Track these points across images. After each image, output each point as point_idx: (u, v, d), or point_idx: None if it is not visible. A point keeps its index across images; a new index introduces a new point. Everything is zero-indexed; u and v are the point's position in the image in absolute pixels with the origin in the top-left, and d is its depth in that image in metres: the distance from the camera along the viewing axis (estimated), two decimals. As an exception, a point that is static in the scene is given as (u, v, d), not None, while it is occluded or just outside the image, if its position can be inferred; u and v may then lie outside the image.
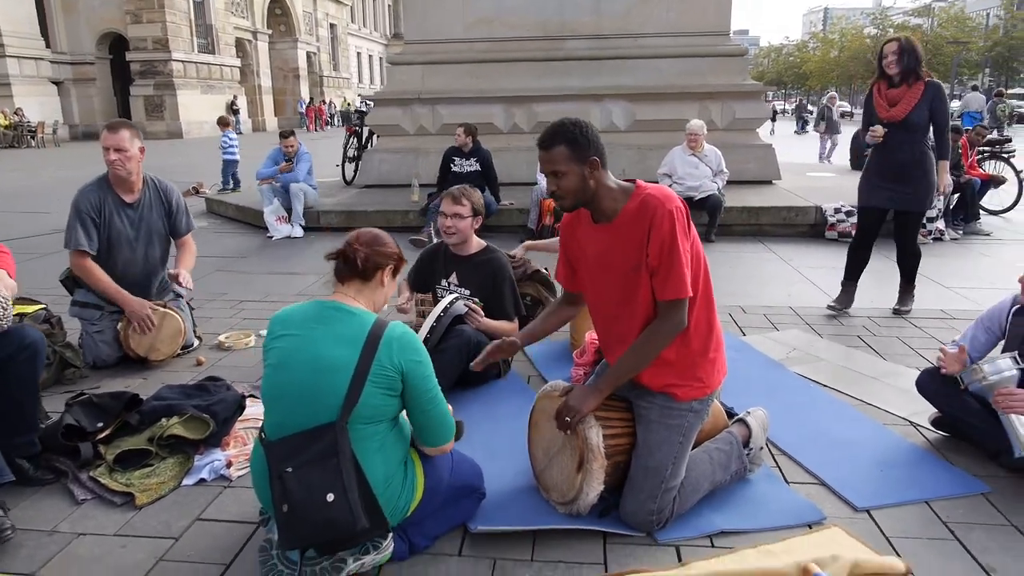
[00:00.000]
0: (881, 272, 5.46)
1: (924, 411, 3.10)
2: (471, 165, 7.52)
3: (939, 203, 7.29)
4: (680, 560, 2.21)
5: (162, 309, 3.85)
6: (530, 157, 8.49)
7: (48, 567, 2.19)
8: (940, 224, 7.40)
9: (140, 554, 2.26)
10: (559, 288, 2.74)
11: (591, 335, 3.44)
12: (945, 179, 4.60)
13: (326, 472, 1.92)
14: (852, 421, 3.18)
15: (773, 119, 28.72)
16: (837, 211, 7.49)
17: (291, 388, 2.03)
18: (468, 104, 9.54)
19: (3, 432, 2.57)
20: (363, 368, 1.98)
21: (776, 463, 2.82)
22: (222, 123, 11.01)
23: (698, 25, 9.57)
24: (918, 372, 3.14)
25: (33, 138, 25.70)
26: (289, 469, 1.94)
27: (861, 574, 2.09)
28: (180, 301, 4.07)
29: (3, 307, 2.59)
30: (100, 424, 2.81)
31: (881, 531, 2.37)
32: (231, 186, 11.17)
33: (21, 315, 3.04)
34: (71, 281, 3.91)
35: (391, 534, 2.14)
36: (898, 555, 2.22)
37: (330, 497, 1.91)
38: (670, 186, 7.39)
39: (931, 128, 4.49)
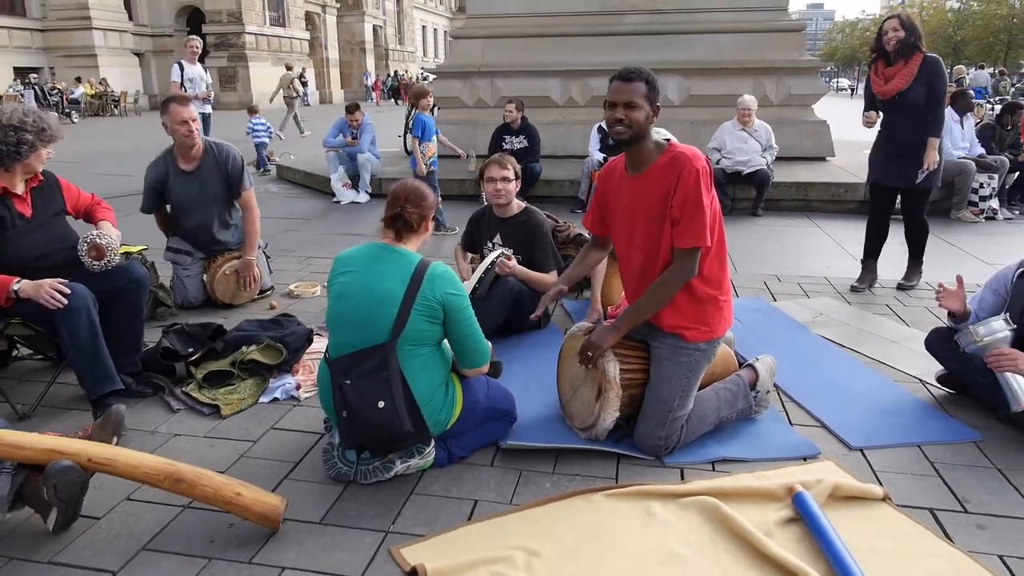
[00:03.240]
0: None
1: (935, 371, 3.28)
2: (520, 142, 7.85)
3: (994, 182, 7.27)
4: (683, 480, 2.53)
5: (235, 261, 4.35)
6: (584, 131, 8.78)
7: (152, 458, 2.65)
8: (994, 203, 7.37)
9: (225, 452, 2.71)
10: None
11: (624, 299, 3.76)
12: (931, 156, 4.47)
13: (377, 383, 2.31)
14: (862, 376, 3.41)
15: (851, 94, 28.08)
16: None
17: (350, 315, 2.41)
18: (525, 77, 9.81)
19: (113, 352, 3.05)
20: (409, 299, 2.35)
21: (784, 408, 3.09)
22: (251, 111, 11.38)
23: (756, 0, 9.59)
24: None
25: (116, 107, 27.08)
26: (348, 381, 2.33)
27: (841, 495, 2.37)
28: (257, 251, 4.54)
29: (112, 250, 3.07)
30: (191, 349, 3.31)
31: (870, 466, 2.62)
32: (263, 168, 11.17)
33: (127, 253, 3.52)
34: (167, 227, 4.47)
35: (433, 443, 2.53)
36: (881, 485, 2.48)
37: (381, 404, 2.29)
38: (718, 161, 7.57)
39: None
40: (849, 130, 11.92)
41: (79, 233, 3.18)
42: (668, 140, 2.62)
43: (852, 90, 59.05)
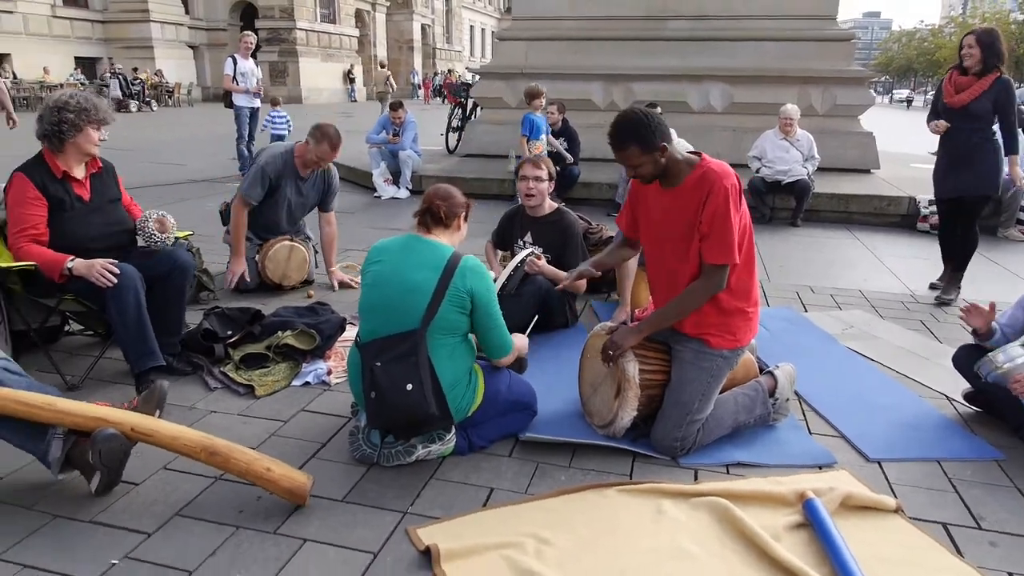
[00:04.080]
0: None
1: (962, 389, 3.25)
2: (561, 144, 7.91)
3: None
4: (696, 481, 2.58)
5: (293, 243, 4.55)
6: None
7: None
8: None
9: (257, 430, 2.84)
10: None
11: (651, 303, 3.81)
12: (1016, 172, 4.67)
13: (406, 367, 2.41)
14: (887, 389, 3.41)
15: (908, 106, 27.29)
16: (931, 203, 7.40)
17: (382, 302, 2.51)
18: (568, 80, 9.88)
19: (156, 331, 3.20)
20: (441, 289, 2.45)
21: (804, 416, 3.11)
22: (273, 103, 11.58)
23: (804, 8, 9.53)
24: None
25: (170, 97, 27.85)
26: (378, 364, 2.43)
27: (853, 505, 2.39)
28: (309, 243, 4.78)
29: (173, 227, 3.27)
30: (230, 332, 3.46)
31: (886, 479, 2.63)
32: None
33: (176, 238, 3.68)
34: (227, 214, 4.69)
35: (454, 430, 2.62)
36: (895, 497, 2.49)
37: (409, 387, 2.39)
38: (758, 170, 7.54)
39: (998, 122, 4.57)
40: (900, 142, 11.73)
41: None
42: (699, 155, 2.65)
43: (909, 102, 57.72)
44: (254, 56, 9.80)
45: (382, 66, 22.57)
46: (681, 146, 2.78)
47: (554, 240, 3.97)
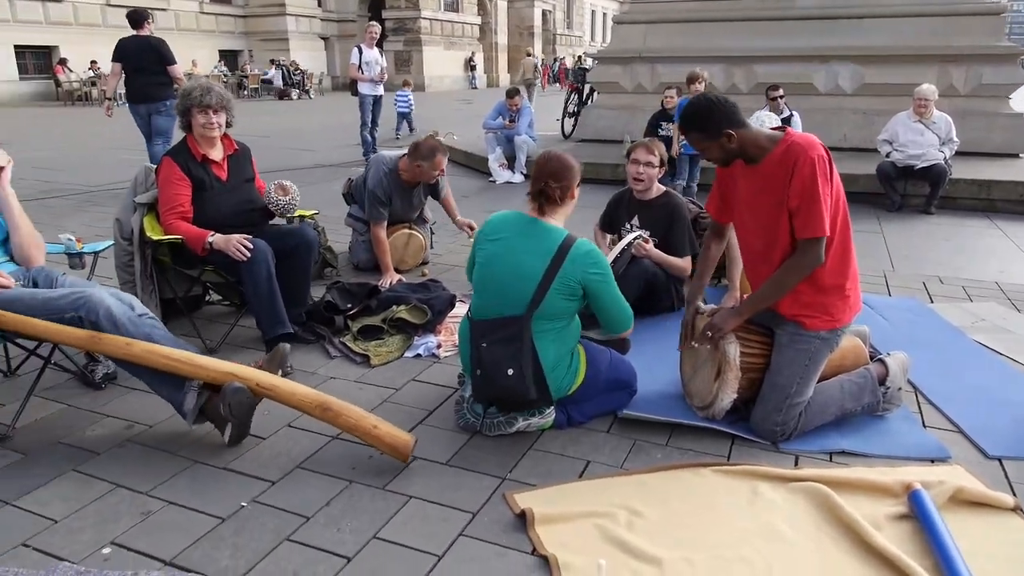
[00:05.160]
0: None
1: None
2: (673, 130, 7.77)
3: None
4: (796, 467, 2.55)
5: (412, 232, 4.78)
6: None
7: (310, 395, 3.04)
8: None
9: (372, 395, 3.05)
10: None
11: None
12: None
13: (509, 352, 2.52)
14: (1015, 383, 3.20)
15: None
16: (1088, 190, 6.78)
17: (493, 283, 2.63)
18: (687, 63, 9.61)
19: (284, 302, 3.47)
20: (549, 277, 2.52)
21: (919, 409, 2.98)
22: (405, 83, 13.80)
23: (947, -20, 8.88)
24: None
25: (303, 87, 29.37)
26: (484, 344, 2.56)
27: (964, 499, 2.29)
28: (426, 226, 5.00)
29: (295, 192, 3.54)
30: (349, 305, 3.72)
31: (1007, 477, 2.49)
32: (408, 131, 13.38)
33: (301, 217, 3.98)
34: (350, 196, 4.99)
35: (554, 406, 2.71)
36: (1014, 495, 2.36)
37: (510, 371, 2.51)
38: (888, 154, 7.15)
39: None
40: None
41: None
42: (783, 130, 2.59)
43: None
44: (379, 46, 10.22)
45: (528, 54, 23.88)
46: (768, 120, 2.71)
47: (661, 222, 3.97)
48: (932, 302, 4.38)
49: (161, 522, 2.20)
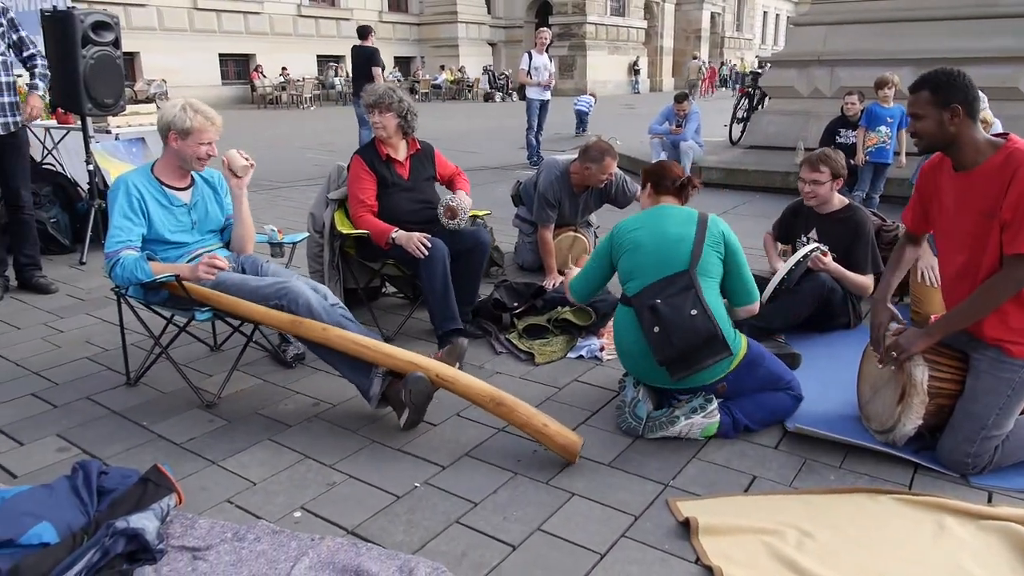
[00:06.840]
0: None
1: None
2: (856, 137, 7.30)
3: None
4: (990, 503, 2.34)
5: (576, 234, 4.86)
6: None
7: (478, 387, 3.18)
8: None
9: (535, 392, 3.14)
10: None
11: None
12: None
13: (687, 297, 2.63)
14: None
15: None
16: None
17: (649, 259, 2.76)
18: (870, 66, 9.02)
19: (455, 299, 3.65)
20: (700, 235, 2.73)
21: None
22: (591, 92, 16.11)
23: None
24: None
25: (469, 92, 30.50)
26: (658, 301, 2.63)
27: None
28: (590, 229, 5.09)
29: (463, 211, 3.67)
30: (516, 303, 3.85)
31: None
32: (582, 130, 14.86)
33: (475, 217, 4.15)
34: (518, 198, 5.20)
35: (715, 403, 2.69)
36: None
37: (693, 312, 2.59)
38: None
39: None
40: None
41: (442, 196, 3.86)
42: (1007, 135, 2.38)
43: None
44: (547, 50, 10.42)
45: (694, 57, 24.75)
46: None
47: (843, 237, 3.74)
48: None
49: (344, 494, 2.39)
